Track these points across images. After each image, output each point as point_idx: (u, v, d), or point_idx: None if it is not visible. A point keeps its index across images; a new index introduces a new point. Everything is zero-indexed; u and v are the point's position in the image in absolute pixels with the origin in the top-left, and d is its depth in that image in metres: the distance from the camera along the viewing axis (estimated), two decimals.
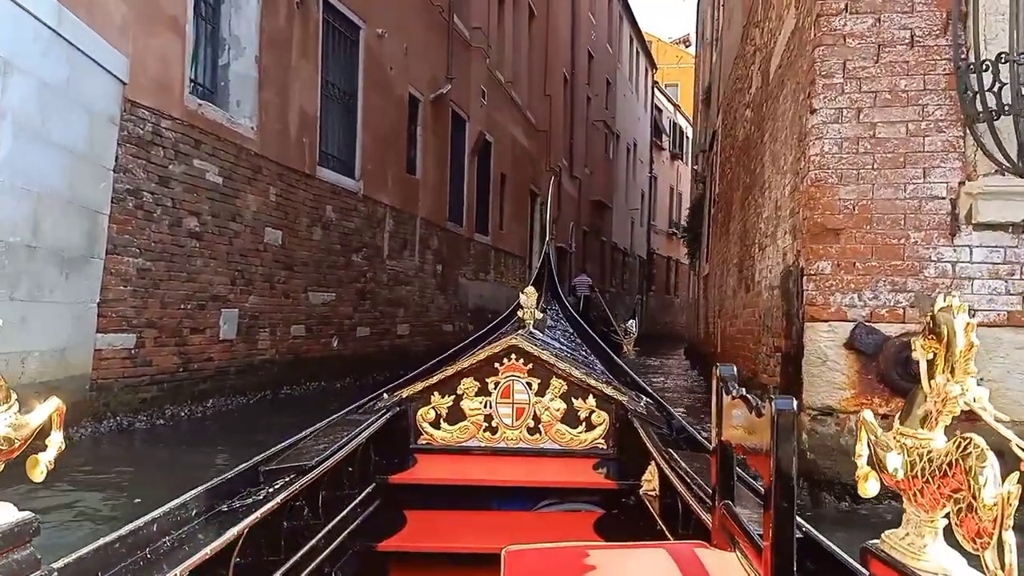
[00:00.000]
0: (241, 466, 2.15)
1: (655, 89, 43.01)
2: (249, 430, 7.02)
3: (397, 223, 12.81)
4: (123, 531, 1.50)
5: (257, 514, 1.84)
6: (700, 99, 18.02)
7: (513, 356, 3.13)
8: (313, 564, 2.22)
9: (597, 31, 31.23)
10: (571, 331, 5.21)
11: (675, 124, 47.21)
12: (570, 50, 27.19)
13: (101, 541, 1.43)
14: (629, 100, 37.87)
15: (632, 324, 28.58)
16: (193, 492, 1.82)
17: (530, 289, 4.16)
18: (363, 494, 2.75)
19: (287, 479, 2.13)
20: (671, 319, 45.24)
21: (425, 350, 13.79)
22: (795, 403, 1.18)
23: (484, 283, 17.84)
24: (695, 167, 18.47)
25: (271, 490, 2.03)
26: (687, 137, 49.17)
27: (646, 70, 41.52)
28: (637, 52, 39.43)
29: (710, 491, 1.72)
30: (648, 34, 41.12)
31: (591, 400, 3.12)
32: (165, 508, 1.67)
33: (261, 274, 8.89)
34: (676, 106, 47.61)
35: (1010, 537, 0.82)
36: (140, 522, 1.56)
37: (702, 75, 21.64)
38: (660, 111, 43.90)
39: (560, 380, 3.12)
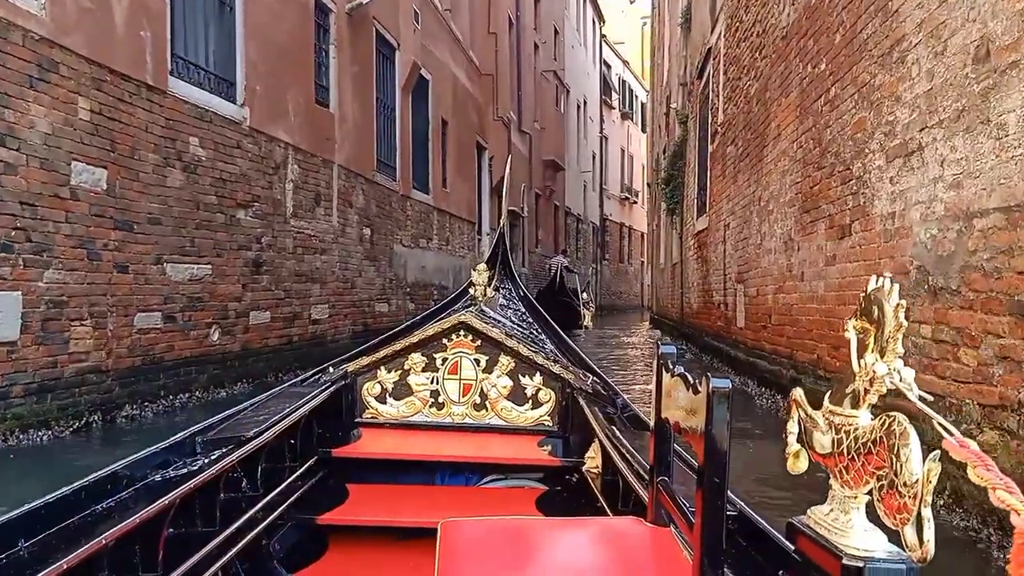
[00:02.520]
0: (177, 436, 2.10)
1: (603, 43, 40.29)
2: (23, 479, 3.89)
3: (305, 171, 9.59)
4: (49, 498, 1.48)
5: (191, 484, 1.81)
6: (679, 24, 15.05)
7: (462, 332, 3.09)
8: (250, 535, 2.18)
9: None
10: (523, 311, 5.12)
11: (624, 82, 44.66)
12: None
13: (26, 507, 1.42)
14: (578, 53, 35.08)
15: (585, 296, 26.14)
16: (125, 461, 1.78)
17: (482, 266, 4.11)
18: (305, 467, 2.72)
19: (225, 450, 2.10)
20: (625, 289, 43.10)
21: (351, 337, 10.64)
22: (730, 383, 1.16)
23: (426, 251, 14.71)
24: (673, 106, 15.51)
25: (207, 460, 1.99)
26: (636, 96, 46.98)
27: (593, 22, 38.71)
28: (584, 1, 36.54)
29: (648, 468, 1.70)
30: None
31: (538, 378, 3.10)
32: (95, 476, 1.65)
33: (67, 236, 5.65)
34: (625, 62, 45.04)
35: (928, 513, 0.84)
36: (67, 489, 1.53)
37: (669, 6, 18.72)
38: (609, 67, 41.32)
39: (508, 357, 3.09)
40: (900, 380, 0.95)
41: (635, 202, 45.79)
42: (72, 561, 1.35)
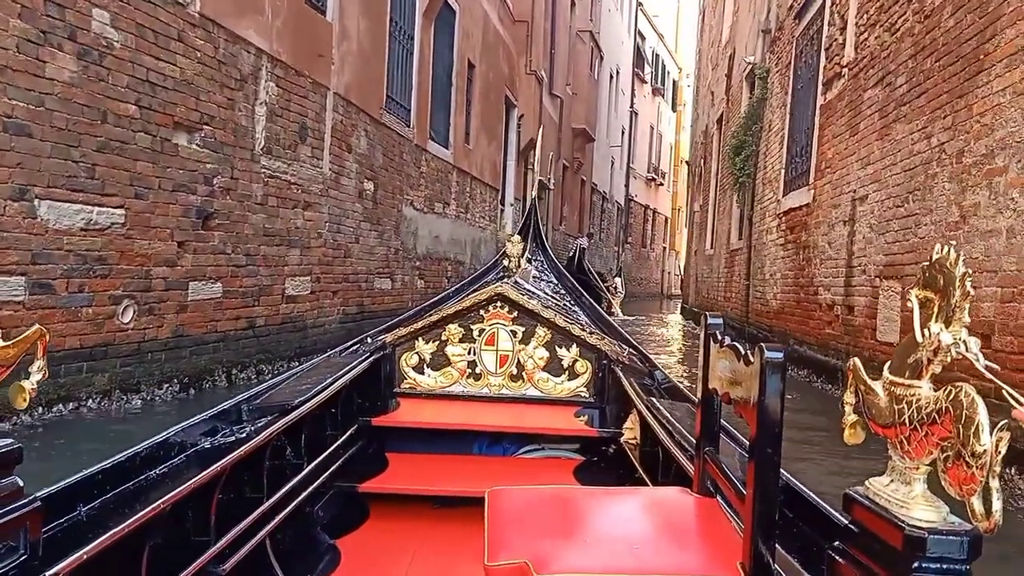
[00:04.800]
0: (224, 404, 2.08)
1: (640, 11, 37.56)
2: None
3: (287, 92, 7.01)
4: (106, 463, 1.49)
5: (240, 451, 1.83)
6: None
7: (498, 304, 3.07)
8: (295, 503, 2.21)
9: None
10: (555, 282, 5.04)
11: (658, 56, 41.97)
12: None
13: (84, 473, 1.42)
14: (613, 18, 32.43)
15: (618, 282, 23.79)
16: (176, 428, 1.78)
17: (516, 238, 4.13)
18: (346, 435, 2.73)
19: (270, 418, 2.11)
20: (646, 275, 40.69)
21: (341, 321, 8.10)
22: (784, 352, 1.11)
23: (441, 218, 12.14)
24: (749, 59, 12.83)
25: (254, 428, 2.00)
26: (668, 73, 44.47)
27: None
28: None
29: (692, 440, 1.69)
30: None
31: (574, 349, 3.09)
32: (148, 443, 1.65)
33: None
34: (660, 35, 42.36)
35: (996, 484, 0.82)
36: (123, 456, 1.55)
37: None
38: (643, 38, 38.59)
39: (544, 329, 3.07)
40: (967, 350, 0.92)
41: (661, 184, 43.56)
42: (131, 526, 1.36)
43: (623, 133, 35.22)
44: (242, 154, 6.33)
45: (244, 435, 1.94)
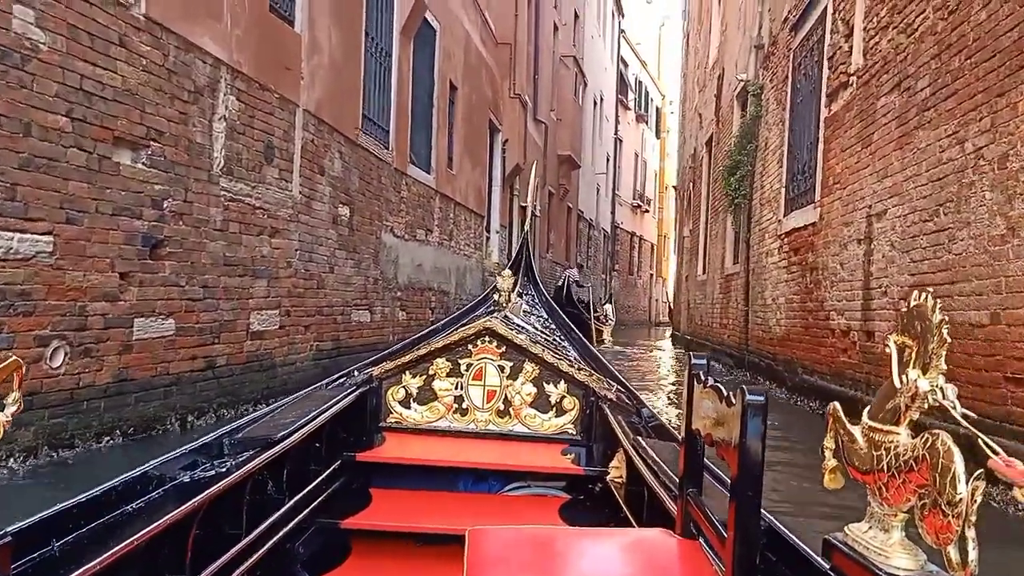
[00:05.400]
0: (205, 438, 2.06)
1: (622, 38, 37.49)
2: None
3: (250, 108, 6.40)
4: (81, 498, 1.47)
5: (219, 486, 1.80)
6: None
7: (487, 338, 3.07)
8: (275, 539, 2.17)
9: None
10: (546, 317, 5.00)
11: (641, 83, 41.90)
12: None
13: (58, 508, 1.41)
14: (596, 45, 32.26)
15: (609, 309, 23.25)
16: (155, 462, 1.74)
17: (507, 272, 4.27)
18: (329, 470, 2.69)
19: (252, 452, 2.07)
20: (633, 303, 40.27)
21: (315, 358, 7.43)
22: (765, 397, 1.14)
23: (424, 246, 11.51)
24: (741, 77, 12.35)
25: (234, 462, 1.96)
26: (652, 100, 44.46)
27: (613, 14, 35.87)
28: None
29: (677, 480, 1.71)
30: None
31: (562, 385, 3.06)
32: (125, 477, 1.62)
33: None
34: (643, 62, 42.34)
35: (972, 533, 0.82)
36: (99, 490, 1.53)
37: None
38: (626, 65, 38.51)
39: (533, 364, 3.07)
40: (943, 397, 0.93)
41: (647, 210, 43.42)
42: (104, 561, 1.34)
43: (608, 160, 34.96)
44: (198, 175, 5.69)
45: (224, 469, 1.90)
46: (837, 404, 1.13)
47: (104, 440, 4.84)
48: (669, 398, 9.02)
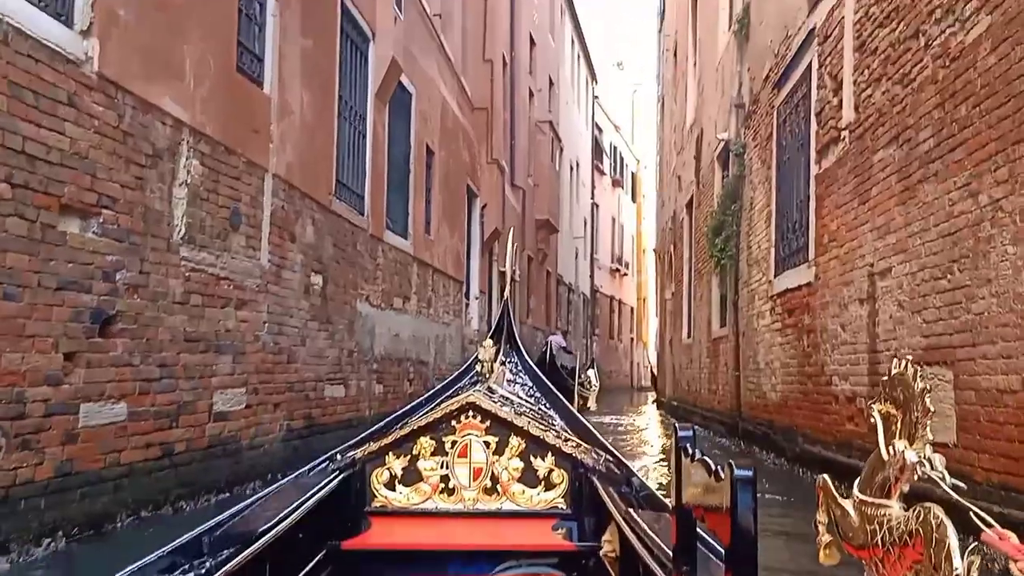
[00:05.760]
0: (184, 537, 1.96)
1: (596, 104, 37.93)
2: None
3: (214, 172, 6.01)
4: None
5: None
6: (733, 32, 11.86)
7: (471, 413, 2.99)
8: None
9: (539, 14, 25.41)
10: (530, 385, 4.85)
11: (615, 148, 42.34)
12: (509, 24, 21.13)
13: None
14: (571, 111, 32.58)
15: (592, 375, 22.80)
16: (132, 567, 1.69)
17: (488, 342, 4.12)
18: (314, 561, 2.60)
19: (232, 549, 2.00)
20: (615, 367, 39.82)
21: (285, 439, 6.91)
22: (754, 471, 1.15)
23: (401, 314, 11.07)
24: (721, 136, 12.20)
25: (214, 563, 1.90)
26: (627, 165, 44.90)
27: (587, 81, 36.39)
28: (579, 56, 34.30)
29: (670, 553, 1.70)
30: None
31: (550, 458, 3.00)
32: None
33: None
34: (616, 127, 42.81)
35: None
36: None
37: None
38: (601, 131, 38.88)
39: (519, 438, 3.00)
40: (932, 468, 0.91)
41: (625, 274, 43.44)
42: None
43: (586, 224, 34.98)
44: (155, 244, 5.26)
45: (204, 571, 1.86)
46: (826, 477, 1.12)
47: (45, 543, 4.28)
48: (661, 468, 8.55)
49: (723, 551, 1.31)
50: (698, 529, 1.57)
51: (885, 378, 1.00)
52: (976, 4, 4.65)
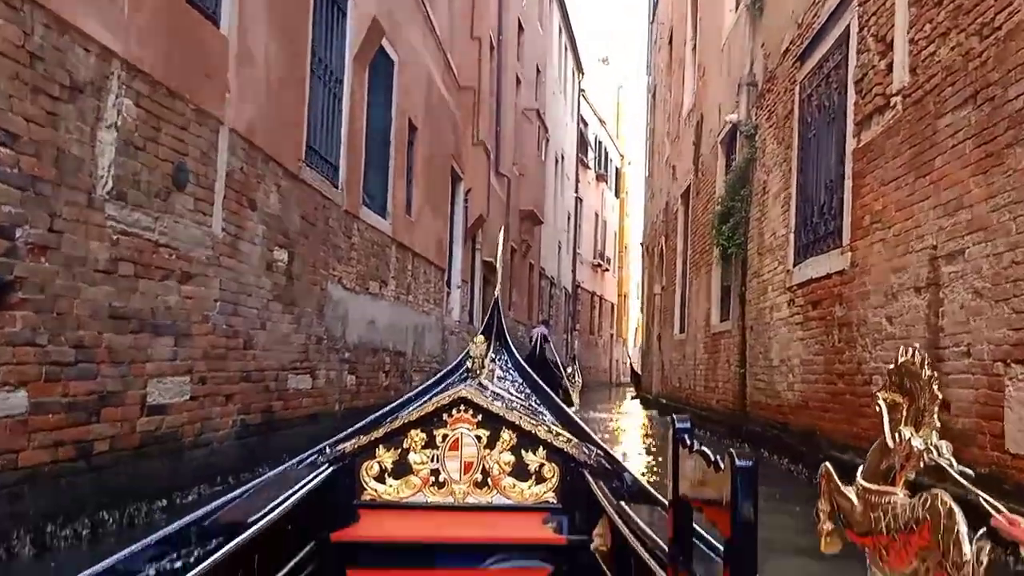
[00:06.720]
0: (171, 527, 1.92)
1: (582, 97, 37.14)
2: None
3: (153, 116, 4.97)
4: None
5: None
6: (746, 7, 10.94)
7: (462, 407, 3.00)
8: None
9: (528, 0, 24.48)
10: (520, 381, 4.92)
11: (600, 143, 41.53)
12: (498, 5, 20.18)
13: None
14: (558, 101, 31.75)
15: (574, 371, 21.92)
16: (117, 556, 1.66)
17: (479, 338, 4.12)
18: (302, 553, 2.58)
19: (220, 540, 1.97)
20: (595, 363, 39.06)
21: (238, 436, 5.91)
22: (755, 461, 1.13)
23: (378, 300, 10.06)
24: (729, 118, 11.28)
25: (202, 552, 1.87)
26: (611, 160, 44.20)
27: (573, 73, 35.56)
28: (566, 47, 33.49)
29: (664, 547, 1.69)
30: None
31: (541, 452, 3.00)
32: (89, 572, 1.54)
33: None
34: (602, 121, 42.04)
35: None
36: None
37: None
38: (586, 124, 38.09)
39: (510, 432, 3.00)
40: (939, 455, 0.92)
41: (607, 270, 42.77)
42: None
43: (569, 218, 34.20)
44: (72, 196, 4.23)
45: (192, 560, 1.82)
46: (829, 464, 1.11)
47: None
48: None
49: (721, 545, 1.27)
50: (694, 524, 1.54)
51: (891, 367, 0.99)
52: None
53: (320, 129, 8.06)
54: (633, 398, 24.82)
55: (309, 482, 2.67)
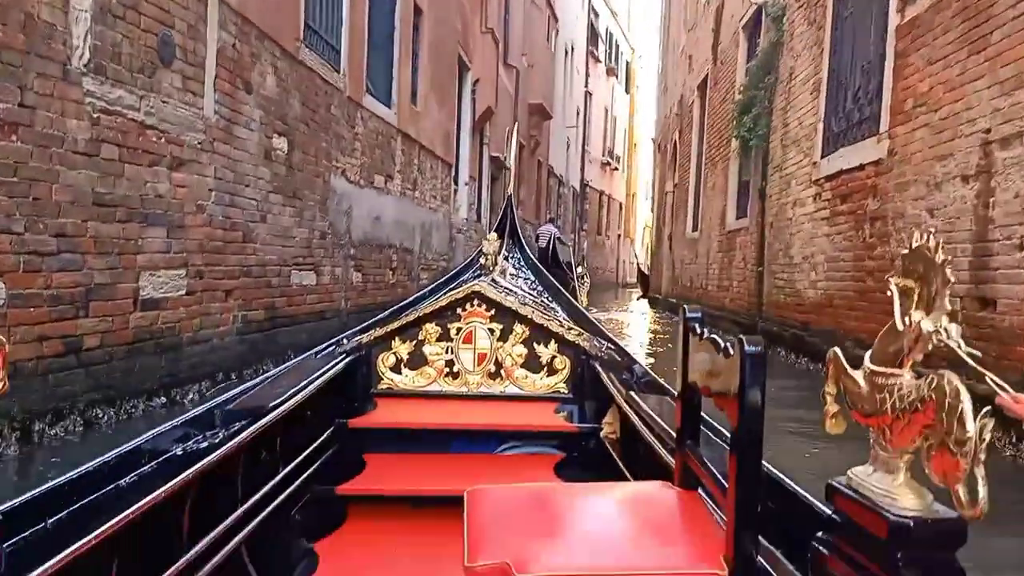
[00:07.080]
0: (197, 409, 2.02)
1: None
2: None
3: None
4: (72, 475, 1.43)
5: (213, 457, 1.76)
6: None
7: (476, 302, 3.07)
8: (271, 507, 2.14)
9: None
10: (533, 279, 5.05)
11: (611, 35, 40.03)
12: None
13: (49, 485, 1.36)
14: None
15: (585, 272, 21.66)
16: (146, 436, 1.71)
17: (493, 235, 4.32)
18: (322, 438, 2.66)
19: (244, 422, 2.03)
20: (601, 264, 38.80)
21: (239, 332, 5.64)
22: (764, 346, 1.12)
23: (383, 195, 9.66)
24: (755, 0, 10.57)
25: (227, 433, 1.93)
26: (622, 54, 42.71)
27: None
28: None
29: (673, 433, 1.68)
30: None
31: (553, 345, 3.08)
32: (117, 451, 1.58)
33: None
34: (613, 12, 40.40)
35: (981, 471, 0.81)
36: (90, 466, 1.48)
37: None
38: (597, 15, 36.58)
39: (523, 326, 3.07)
40: (948, 337, 0.91)
41: (616, 168, 41.91)
42: (99, 537, 1.30)
43: (578, 114, 33.23)
44: (45, 67, 3.81)
45: (217, 440, 1.86)
46: (837, 349, 1.11)
47: None
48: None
49: (729, 432, 1.26)
50: (703, 414, 1.57)
51: (905, 251, 0.98)
52: None
53: (319, 7, 7.50)
54: (639, 298, 24.61)
55: (328, 371, 2.72)
